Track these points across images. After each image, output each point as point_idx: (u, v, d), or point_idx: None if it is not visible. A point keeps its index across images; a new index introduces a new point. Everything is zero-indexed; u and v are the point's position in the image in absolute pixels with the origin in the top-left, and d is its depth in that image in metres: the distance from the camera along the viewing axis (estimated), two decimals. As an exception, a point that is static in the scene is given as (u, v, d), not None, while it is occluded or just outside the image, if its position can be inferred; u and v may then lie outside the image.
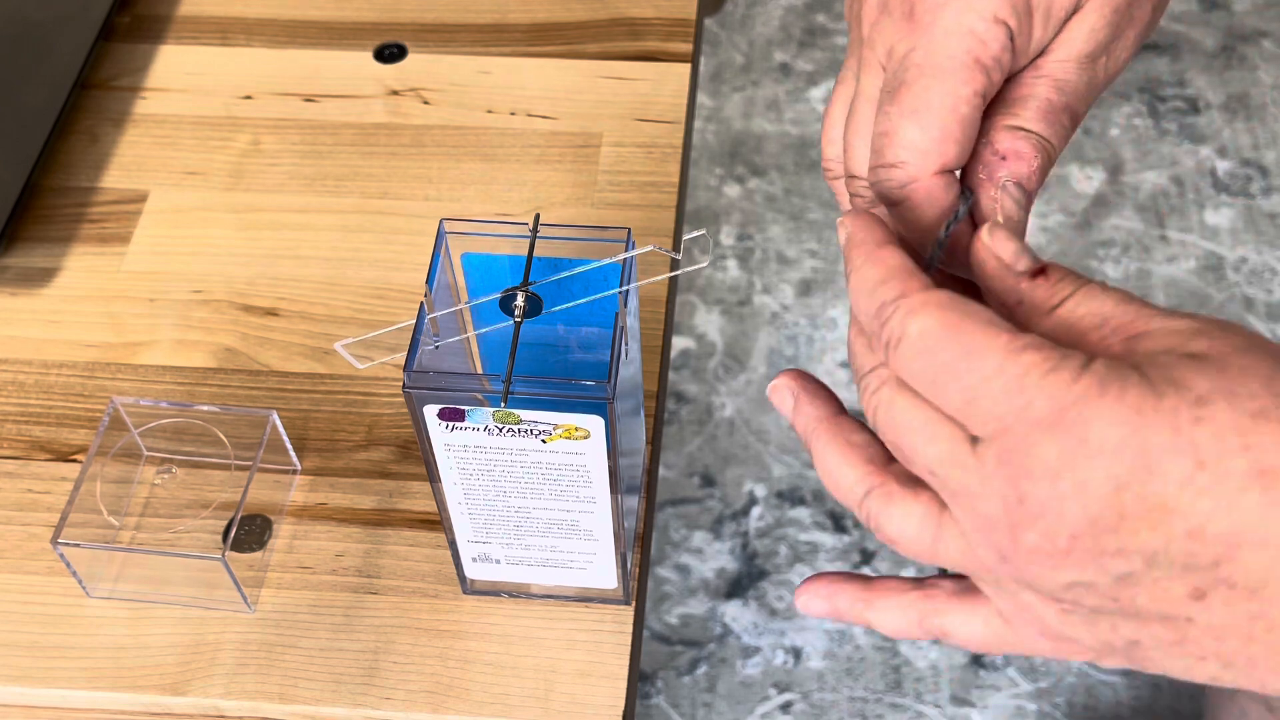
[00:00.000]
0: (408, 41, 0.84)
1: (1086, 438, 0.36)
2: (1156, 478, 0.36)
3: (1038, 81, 0.42)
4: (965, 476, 0.38)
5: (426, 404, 0.51)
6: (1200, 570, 0.37)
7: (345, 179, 0.77)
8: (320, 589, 0.62)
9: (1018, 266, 0.41)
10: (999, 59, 0.41)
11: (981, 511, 0.38)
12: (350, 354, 0.55)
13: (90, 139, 0.79)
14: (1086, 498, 0.36)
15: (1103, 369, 0.37)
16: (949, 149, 0.41)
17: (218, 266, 0.73)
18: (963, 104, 0.41)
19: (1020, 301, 0.41)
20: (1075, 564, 0.37)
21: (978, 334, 0.38)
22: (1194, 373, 0.37)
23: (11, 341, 0.71)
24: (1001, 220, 0.42)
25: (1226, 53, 1.84)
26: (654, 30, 0.84)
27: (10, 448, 0.67)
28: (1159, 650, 0.39)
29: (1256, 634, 0.37)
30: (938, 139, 0.41)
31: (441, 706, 0.59)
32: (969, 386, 0.38)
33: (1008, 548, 0.38)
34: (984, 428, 0.38)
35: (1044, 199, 1.71)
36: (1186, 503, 0.36)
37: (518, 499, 0.55)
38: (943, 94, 0.41)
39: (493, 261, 0.56)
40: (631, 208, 0.75)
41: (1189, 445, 0.36)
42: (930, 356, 0.38)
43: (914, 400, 0.39)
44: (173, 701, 0.59)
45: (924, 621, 0.43)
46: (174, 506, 0.64)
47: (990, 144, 0.42)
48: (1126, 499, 0.36)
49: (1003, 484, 0.37)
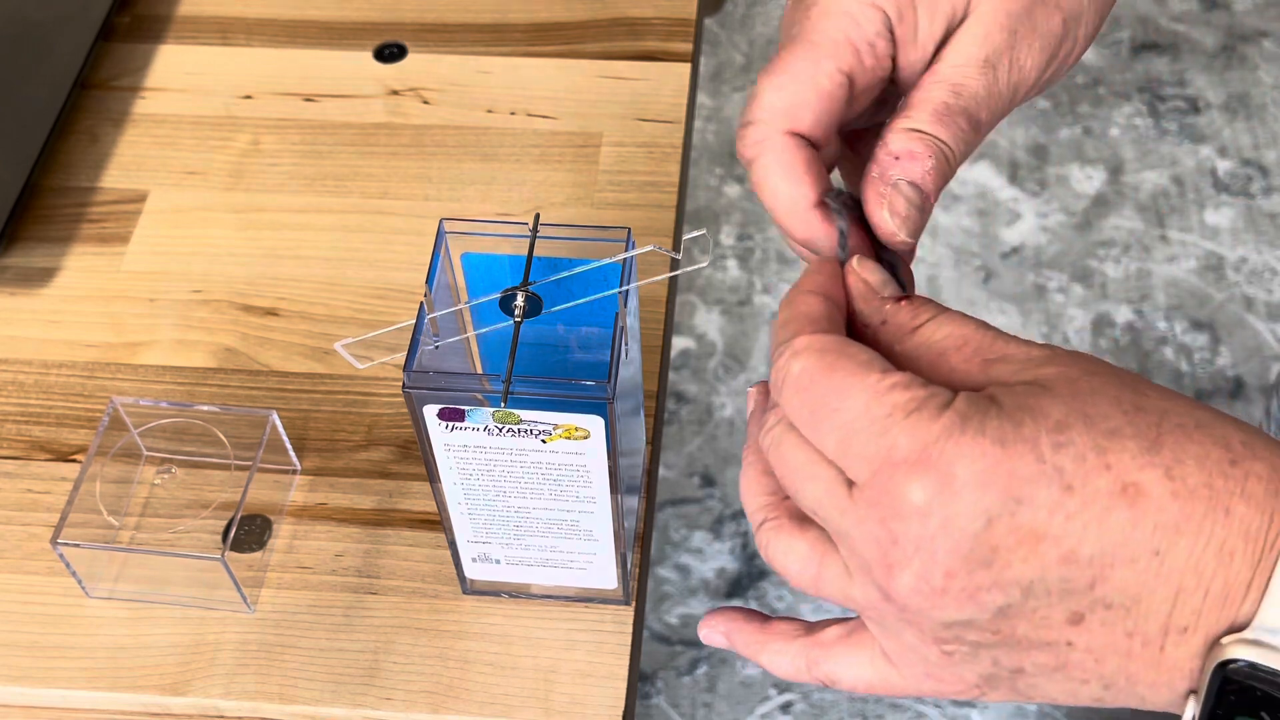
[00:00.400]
0: (408, 41, 0.83)
1: (952, 474, 0.37)
2: (1025, 506, 0.36)
3: (934, 85, 0.42)
4: (843, 519, 0.39)
5: (426, 404, 0.51)
6: (1077, 594, 0.37)
7: (345, 179, 0.77)
8: (320, 589, 0.62)
9: (883, 292, 0.43)
10: (873, 43, 0.42)
11: (859, 553, 0.39)
12: (350, 354, 0.55)
13: (90, 139, 0.79)
14: (957, 534, 0.37)
15: (963, 405, 0.37)
16: (802, 115, 0.42)
17: (217, 266, 0.73)
18: (824, 76, 0.42)
19: (885, 322, 0.42)
20: (953, 602, 0.38)
21: (850, 374, 0.39)
22: (1048, 400, 0.37)
23: (11, 341, 0.71)
24: (890, 217, 0.43)
25: (1227, 52, 1.84)
26: (654, 30, 0.83)
27: (10, 448, 0.67)
28: (1042, 677, 0.39)
29: (1134, 650, 0.38)
30: (792, 103, 0.42)
31: (441, 707, 0.58)
32: (840, 426, 0.38)
33: (886, 589, 0.39)
34: (857, 470, 0.38)
35: (1044, 199, 1.71)
36: (1058, 528, 0.36)
37: (518, 499, 0.55)
38: (807, 63, 0.42)
39: (493, 261, 0.56)
40: (631, 208, 0.75)
41: (1054, 471, 0.36)
42: (807, 395, 0.39)
43: (799, 441, 0.40)
44: (172, 702, 0.59)
45: (812, 668, 0.44)
46: (174, 506, 0.64)
47: (884, 144, 0.43)
48: (998, 531, 0.37)
49: (876, 526, 0.38)
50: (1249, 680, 0.36)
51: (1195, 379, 1.56)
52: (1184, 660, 0.38)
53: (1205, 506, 0.36)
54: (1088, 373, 0.39)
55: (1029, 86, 0.44)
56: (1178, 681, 0.38)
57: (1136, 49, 1.85)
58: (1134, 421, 0.37)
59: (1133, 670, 0.38)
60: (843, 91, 0.43)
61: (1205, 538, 0.36)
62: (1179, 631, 0.37)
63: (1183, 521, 0.36)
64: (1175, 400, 0.39)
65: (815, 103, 0.43)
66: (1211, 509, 0.36)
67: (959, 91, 0.42)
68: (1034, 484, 0.36)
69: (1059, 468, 0.36)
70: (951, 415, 0.37)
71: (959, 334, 0.41)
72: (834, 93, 0.43)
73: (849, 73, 0.43)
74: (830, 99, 0.43)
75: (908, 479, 0.37)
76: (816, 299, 0.42)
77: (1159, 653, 0.38)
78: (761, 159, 0.43)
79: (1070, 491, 0.36)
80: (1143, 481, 0.36)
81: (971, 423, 0.37)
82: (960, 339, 0.41)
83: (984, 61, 0.43)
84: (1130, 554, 0.36)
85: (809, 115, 0.43)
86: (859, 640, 0.43)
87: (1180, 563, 0.36)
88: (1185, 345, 1.58)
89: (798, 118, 0.43)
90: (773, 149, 0.43)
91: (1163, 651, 0.38)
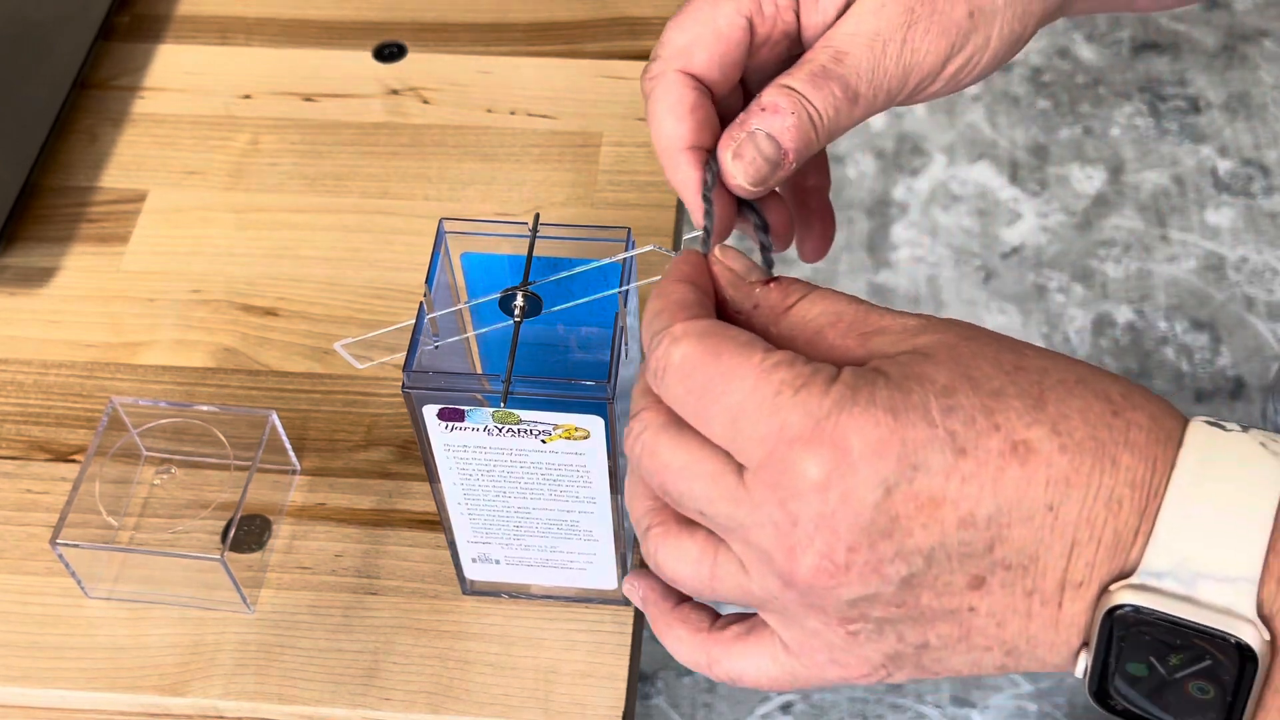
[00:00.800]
0: (407, 41, 0.83)
1: (847, 446, 0.37)
2: (921, 472, 0.37)
3: (821, 49, 0.43)
4: (735, 510, 0.39)
5: (426, 404, 0.51)
6: (976, 557, 0.37)
7: (345, 179, 0.77)
8: (319, 589, 0.62)
9: (749, 277, 0.43)
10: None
11: (756, 542, 0.39)
12: (349, 354, 0.55)
13: (89, 138, 0.79)
14: (857, 506, 0.37)
15: (850, 377, 0.38)
16: (698, 54, 0.43)
17: (217, 266, 0.73)
18: (721, 17, 0.43)
19: (756, 305, 0.42)
20: (857, 578, 0.38)
21: (734, 356, 0.39)
22: (931, 366, 0.38)
23: (10, 341, 0.71)
24: (732, 159, 0.43)
25: (1227, 52, 1.84)
26: (654, 29, 0.83)
27: (9, 448, 0.67)
28: (946, 649, 0.40)
29: (1034, 610, 0.38)
30: (689, 42, 0.43)
31: (441, 707, 0.58)
32: (729, 408, 0.38)
33: (788, 573, 0.38)
34: (749, 453, 0.38)
35: (1044, 198, 1.71)
36: (954, 491, 0.37)
37: (517, 499, 0.55)
38: (708, 4, 0.43)
39: (493, 261, 0.56)
40: (631, 208, 0.75)
41: (946, 435, 0.37)
42: (691, 380, 0.39)
43: (676, 441, 0.40)
44: (172, 702, 0.59)
45: (713, 665, 0.44)
46: (173, 507, 0.64)
47: (758, 98, 0.43)
48: (897, 500, 0.37)
49: (774, 509, 0.38)
50: (1136, 625, 0.37)
51: (1196, 379, 1.56)
52: (1079, 615, 0.38)
53: (1092, 459, 0.37)
54: (965, 338, 0.39)
55: (925, 74, 0.44)
56: (1074, 639, 0.39)
57: (1137, 48, 1.85)
58: (1017, 381, 0.38)
59: (1033, 631, 0.39)
60: (741, 34, 0.43)
61: (1095, 489, 0.37)
62: (1075, 586, 0.38)
63: (1072, 475, 0.37)
64: (1054, 359, 0.39)
65: (712, 43, 0.43)
66: (1099, 460, 0.37)
67: (840, 59, 0.42)
68: (928, 449, 0.37)
69: (951, 431, 0.37)
70: (840, 388, 0.37)
71: (832, 310, 0.41)
72: (731, 35, 0.43)
73: (749, 17, 0.43)
74: (727, 41, 0.43)
75: (803, 455, 0.37)
76: (687, 287, 0.42)
77: (1057, 610, 0.38)
78: (654, 93, 0.44)
79: (964, 454, 0.37)
80: (1031, 439, 0.37)
81: (861, 394, 0.37)
82: (834, 315, 0.41)
83: (874, 34, 0.43)
84: (1025, 511, 0.37)
85: (704, 54, 0.43)
86: (758, 637, 0.42)
87: (1073, 516, 0.37)
88: (1186, 345, 1.58)
89: (693, 57, 0.43)
90: (664, 84, 0.44)
91: (1060, 609, 0.38)
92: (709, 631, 0.44)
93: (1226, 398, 1.55)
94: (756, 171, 0.43)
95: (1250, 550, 0.36)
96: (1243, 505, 0.36)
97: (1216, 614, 0.36)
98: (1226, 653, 0.36)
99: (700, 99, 0.44)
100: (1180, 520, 0.37)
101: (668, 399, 0.40)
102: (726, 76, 0.45)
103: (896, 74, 0.43)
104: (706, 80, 0.44)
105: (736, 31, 0.44)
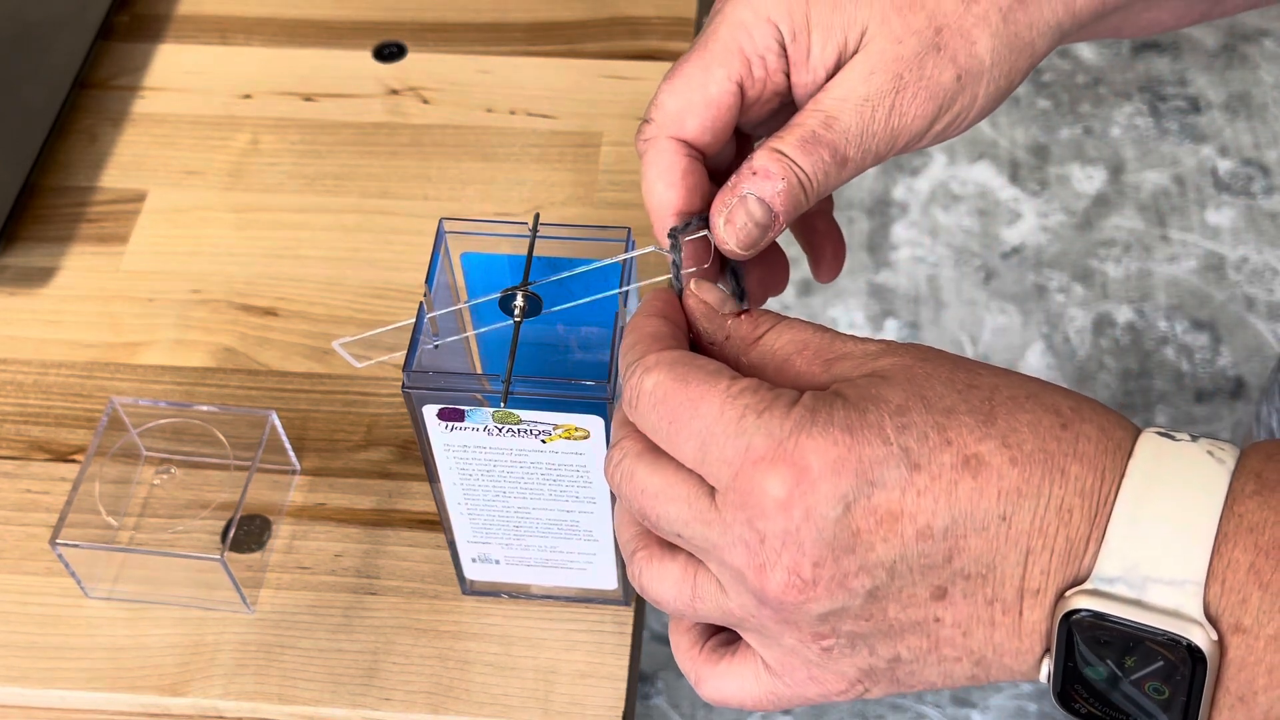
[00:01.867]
0: (407, 41, 0.83)
1: (807, 465, 0.38)
2: (879, 488, 0.38)
3: (812, 113, 0.44)
4: (708, 531, 0.40)
5: (426, 404, 0.51)
6: (937, 568, 0.39)
7: (344, 179, 0.77)
8: (319, 589, 0.62)
9: (723, 309, 0.45)
10: (763, 56, 0.44)
11: (730, 561, 0.40)
12: (348, 353, 0.55)
13: (89, 138, 0.79)
14: (820, 522, 0.38)
15: (810, 400, 0.39)
16: (689, 121, 0.44)
17: (216, 266, 0.73)
18: (713, 83, 0.44)
19: (728, 336, 0.44)
20: (825, 593, 0.39)
21: (702, 384, 0.40)
22: (887, 388, 0.39)
23: (10, 341, 0.71)
24: (724, 225, 0.44)
25: (1228, 52, 1.84)
26: (654, 29, 0.83)
27: (9, 448, 0.67)
28: (917, 661, 0.41)
29: (996, 619, 0.40)
30: (682, 108, 0.44)
31: (441, 707, 0.58)
32: (698, 433, 0.40)
33: (760, 590, 0.40)
34: (718, 475, 0.40)
35: (1044, 198, 1.71)
36: (910, 504, 0.38)
37: (517, 499, 0.55)
38: (699, 70, 0.44)
39: (493, 261, 0.56)
40: (631, 207, 0.75)
41: (900, 451, 0.38)
42: (663, 408, 0.41)
43: (652, 467, 0.41)
44: (172, 702, 0.59)
45: (700, 685, 0.45)
46: (173, 507, 0.64)
47: (749, 160, 0.44)
48: (856, 515, 0.38)
49: (743, 528, 0.39)
50: (1092, 630, 0.38)
51: (1196, 379, 1.56)
52: (1040, 622, 0.39)
53: (1042, 470, 0.38)
54: (921, 359, 0.41)
55: (913, 135, 0.45)
56: (1037, 645, 0.40)
57: (1137, 48, 1.85)
58: (968, 399, 0.39)
59: (998, 640, 0.40)
60: (732, 99, 0.45)
61: (1045, 499, 0.38)
62: (1033, 594, 0.39)
63: (1023, 485, 0.38)
64: (1006, 376, 0.41)
65: (703, 110, 0.44)
66: (1048, 471, 0.38)
67: (830, 124, 0.43)
68: (884, 465, 0.38)
69: (905, 447, 0.38)
70: (800, 410, 0.39)
71: (799, 339, 0.43)
72: (723, 100, 0.44)
73: (739, 82, 0.45)
74: (718, 106, 0.45)
75: (766, 475, 0.38)
76: (659, 320, 0.44)
77: (1019, 618, 0.40)
78: (647, 157, 0.46)
79: (918, 469, 0.38)
80: (982, 452, 0.38)
81: (820, 415, 0.39)
82: (800, 343, 0.43)
83: (864, 100, 0.43)
84: (980, 522, 0.38)
85: (696, 121, 0.45)
86: (741, 657, 0.44)
87: (1026, 525, 0.38)
88: (1186, 345, 1.58)
89: (685, 124, 0.45)
90: (657, 149, 0.45)
91: (1021, 616, 0.39)
92: (699, 650, 0.45)
93: (1227, 397, 1.55)
94: (747, 236, 0.44)
95: (1196, 553, 0.37)
96: (1189, 510, 0.38)
97: (1166, 616, 0.37)
98: (1177, 654, 0.37)
99: (691, 164, 0.45)
100: (1129, 527, 0.38)
101: (643, 427, 0.42)
102: (717, 139, 0.46)
103: (885, 137, 0.44)
104: (698, 145, 0.46)
105: (727, 97, 0.45)
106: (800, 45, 0.44)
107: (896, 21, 0.42)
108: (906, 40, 0.42)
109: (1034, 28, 0.44)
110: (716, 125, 0.45)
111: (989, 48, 0.43)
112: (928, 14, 0.42)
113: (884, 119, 0.44)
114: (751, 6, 0.43)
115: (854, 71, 0.43)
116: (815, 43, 0.44)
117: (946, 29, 0.43)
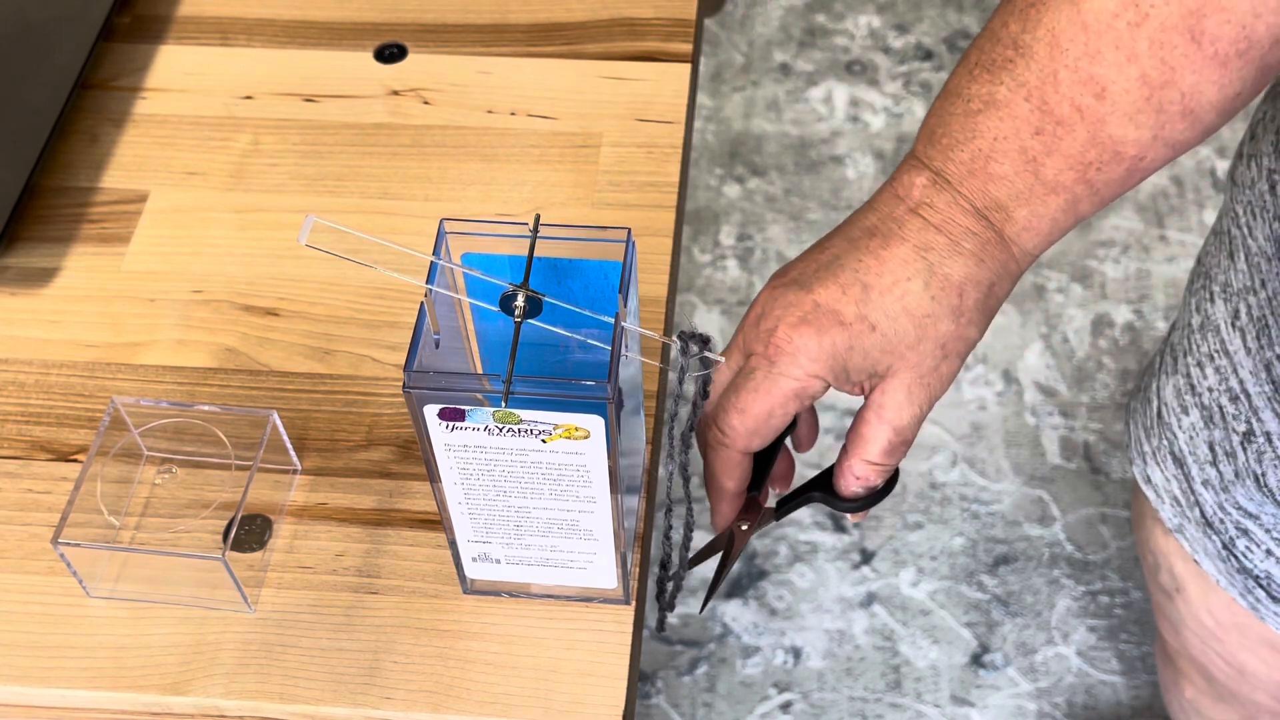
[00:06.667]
0: (408, 41, 0.84)
1: None
2: None
3: (880, 426, 0.57)
4: None
5: (426, 404, 0.51)
6: None
7: (345, 179, 0.77)
8: (320, 589, 0.62)
9: None
10: (815, 395, 0.57)
11: None
12: (313, 239, 0.53)
13: (90, 139, 0.79)
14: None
15: None
16: (754, 440, 0.57)
17: (218, 266, 0.73)
18: (776, 419, 0.57)
19: None
20: None
21: None
22: None
23: (12, 341, 0.71)
24: None
25: (1226, 53, 1.84)
26: (654, 30, 0.84)
27: (11, 448, 0.67)
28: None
29: None
30: (750, 429, 0.57)
31: (441, 706, 0.59)
32: None
33: None
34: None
35: (1044, 199, 1.71)
36: None
37: (518, 499, 0.55)
38: (766, 406, 0.56)
39: (493, 261, 0.56)
40: (631, 208, 0.75)
41: None
42: None
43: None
44: (173, 701, 0.59)
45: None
46: (174, 506, 0.64)
47: (850, 469, 0.59)
48: None
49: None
50: None
51: (1195, 379, 1.56)
52: None
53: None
54: None
55: None
56: None
57: (1136, 49, 1.85)
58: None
59: None
60: (786, 421, 0.57)
61: None
62: None
63: None
64: None
65: (768, 435, 0.57)
66: None
67: (899, 430, 0.57)
68: None
69: None
70: None
71: None
72: (779, 426, 0.57)
73: (795, 411, 0.57)
74: (775, 430, 0.57)
75: None
76: None
77: None
78: (716, 459, 0.59)
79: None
80: None
81: None
82: None
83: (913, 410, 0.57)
84: None
85: (759, 441, 0.57)
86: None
87: None
88: (1185, 345, 1.58)
89: (751, 443, 0.57)
90: (725, 456, 0.58)
91: None
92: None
93: (1225, 398, 1.55)
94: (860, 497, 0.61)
95: None
96: None
97: None
98: None
99: (746, 462, 0.59)
100: None
101: None
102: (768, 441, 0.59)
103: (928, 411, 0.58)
104: (755, 451, 0.59)
105: (783, 421, 0.57)
106: (841, 382, 0.57)
107: (912, 356, 0.56)
108: (924, 363, 0.56)
109: (1002, 297, 0.58)
110: (772, 438, 0.58)
111: (979, 332, 0.57)
112: (933, 341, 0.56)
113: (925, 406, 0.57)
114: (803, 367, 0.55)
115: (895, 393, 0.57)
116: (852, 377, 0.56)
117: (948, 344, 0.56)
